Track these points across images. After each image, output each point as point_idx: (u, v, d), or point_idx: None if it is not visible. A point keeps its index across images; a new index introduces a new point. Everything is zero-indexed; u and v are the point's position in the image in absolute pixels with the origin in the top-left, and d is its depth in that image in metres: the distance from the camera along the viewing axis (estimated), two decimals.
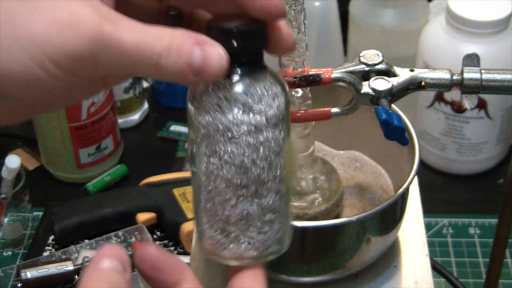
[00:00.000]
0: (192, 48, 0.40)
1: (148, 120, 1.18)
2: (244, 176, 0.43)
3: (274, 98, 0.43)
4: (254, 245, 0.45)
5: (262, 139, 0.42)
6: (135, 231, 0.92)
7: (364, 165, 0.70)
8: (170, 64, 0.39)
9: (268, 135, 0.43)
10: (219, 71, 0.40)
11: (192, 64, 0.39)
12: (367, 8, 1.09)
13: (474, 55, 0.58)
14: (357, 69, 0.57)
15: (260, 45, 0.43)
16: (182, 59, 0.39)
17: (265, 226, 0.44)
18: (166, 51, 0.39)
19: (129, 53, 0.39)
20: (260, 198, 0.43)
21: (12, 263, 0.95)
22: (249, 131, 0.42)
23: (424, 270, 0.64)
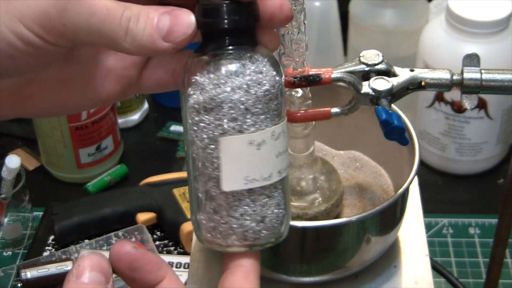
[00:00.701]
0: (160, 13, 0.40)
1: (148, 120, 1.18)
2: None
3: (262, 79, 0.43)
4: (250, 230, 0.44)
5: (249, 121, 0.42)
6: (135, 231, 0.92)
7: (364, 165, 0.70)
8: (139, 28, 0.40)
9: (255, 119, 0.43)
10: (187, 33, 0.40)
11: (160, 27, 0.40)
12: (367, 8, 1.09)
13: (474, 55, 0.58)
14: (357, 69, 0.57)
15: (249, 22, 0.43)
16: (150, 23, 0.40)
17: (260, 208, 0.44)
18: (135, 15, 0.40)
19: (98, 14, 0.39)
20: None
21: (12, 263, 0.95)
22: (232, 108, 0.42)
23: (424, 270, 0.64)
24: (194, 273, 0.65)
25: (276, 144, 0.44)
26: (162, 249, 0.95)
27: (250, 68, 0.42)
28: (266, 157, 0.43)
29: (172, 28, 0.40)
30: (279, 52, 0.55)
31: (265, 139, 0.43)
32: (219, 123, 0.42)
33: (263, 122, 0.43)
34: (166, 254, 0.94)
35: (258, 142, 0.43)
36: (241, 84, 0.42)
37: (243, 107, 0.42)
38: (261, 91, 0.43)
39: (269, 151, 0.43)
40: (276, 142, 0.43)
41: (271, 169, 0.44)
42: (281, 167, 0.44)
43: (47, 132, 1.02)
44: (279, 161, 0.44)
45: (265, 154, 0.43)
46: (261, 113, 0.43)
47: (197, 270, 0.64)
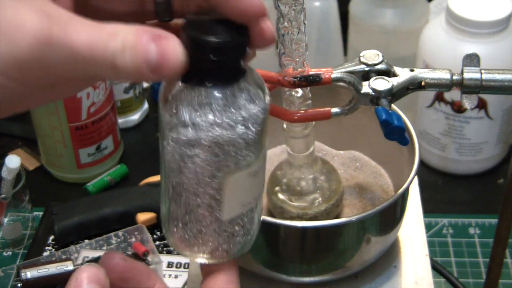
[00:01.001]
0: (147, 44, 0.37)
1: (148, 120, 1.18)
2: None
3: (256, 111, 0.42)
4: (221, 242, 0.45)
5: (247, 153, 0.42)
6: (135, 231, 0.92)
7: (364, 165, 0.70)
8: (126, 63, 0.37)
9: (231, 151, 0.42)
10: (176, 67, 0.38)
11: (148, 60, 0.37)
12: (367, 8, 1.09)
13: (474, 55, 0.58)
14: (357, 69, 0.57)
15: (239, 56, 0.41)
16: (138, 57, 0.37)
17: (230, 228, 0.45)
18: (120, 49, 0.37)
19: (82, 54, 0.37)
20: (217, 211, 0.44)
21: (12, 263, 0.95)
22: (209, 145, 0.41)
23: (424, 270, 0.64)
24: (194, 273, 0.65)
25: (265, 165, 0.45)
26: (162, 249, 0.95)
27: (244, 102, 0.41)
28: (261, 179, 0.45)
29: (160, 64, 0.38)
30: (279, 52, 0.55)
31: (260, 166, 0.44)
32: (218, 160, 0.42)
33: (257, 149, 0.43)
34: (166, 254, 0.94)
35: (255, 171, 0.44)
36: (238, 120, 0.41)
37: (243, 142, 0.42)
38: (257, 124, 0.42)
39: (263, 174, 0.45)
40: (265, 163, 0.45)
41: (262, 187, 0.46)
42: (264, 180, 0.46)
43: (47, 132, 1.02)
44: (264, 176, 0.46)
45: (261, 177, 0.45)
46: (257, 142, 0.43)
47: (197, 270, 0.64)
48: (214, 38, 0.39)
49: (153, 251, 0.90)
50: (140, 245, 0.91)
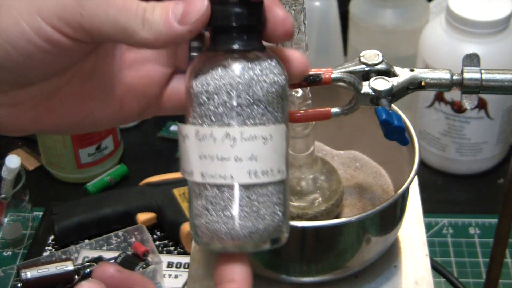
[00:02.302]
0: (175, 2, 0.41)
1: (148, 120, 1.18)
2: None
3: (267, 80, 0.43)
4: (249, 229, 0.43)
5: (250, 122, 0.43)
6: (135, 231, 0.92)
7: (364, 165, 0.70)
8: (155, 16, 0.40)
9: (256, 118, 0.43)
10: (201, 14, 0.41)
11: (175, 12, 0.41)
12: (367, 8, 1.09)
13: (474, 55, 0.58)
14: (357, 69, 0.57)
15: (259, 22, 0.43)
16: (165, 10, 0.41)
17: (250, 207, 0.43)
18: (151, 6, 0.41)
19: (115, 4, 0.40)
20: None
21: (12, 263, 0.95)
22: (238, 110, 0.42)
23: (424, 270, 0.64)
24: (194, 273, 0.65)
25: (199, 145, 0.43)
26: (162, 249, 0.95)
27: (255, 68, 0.43)
28: (188, 152, 0.44)
29: (186, 11, 0.41)
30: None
31: (188, 134, 0.44)
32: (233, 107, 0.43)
33: (273, 114, 0.43)
34: (166, 254, 0.94)
35: (183, 134, 0.44)
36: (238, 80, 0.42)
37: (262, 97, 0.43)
38: (277, 85, 0.43)
39: (191, 148, 0.43)
40: (200, 142, 0.43)
41: (192, 166, 0.43)
42: (204, 170, 0.43)
43: None
44: (202, 163, 0.43)
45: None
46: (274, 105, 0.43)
47: (197, 270, 0.64)
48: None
49: (153, 251, 0.90)
50: (140, 245, 0.91)
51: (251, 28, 0.43)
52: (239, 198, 0.43)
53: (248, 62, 0.43)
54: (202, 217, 0.43)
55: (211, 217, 0.43)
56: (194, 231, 0.44)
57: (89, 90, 0.45)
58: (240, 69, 0.43)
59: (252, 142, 0.43)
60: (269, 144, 0.43)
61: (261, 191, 0.43)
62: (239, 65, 0.42)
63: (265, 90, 0.43)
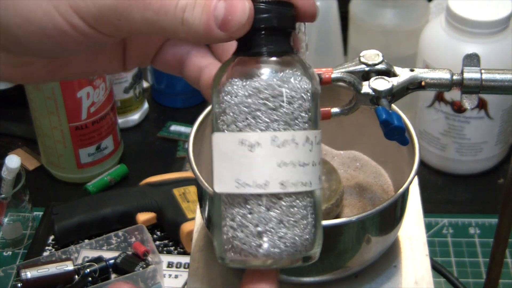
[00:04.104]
0: (216, 1, 0.39)
1: (148, 120, 1.18)
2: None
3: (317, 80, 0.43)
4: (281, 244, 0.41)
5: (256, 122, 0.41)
6: (135, 231, 0.92)
7: (364, 165, 0.70)
8: (195, 17, 0.39)
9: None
10: (242, 24, 0.39)
11: (216, 16, 0.39)
12: (367, 8, 1.09)
13: (474, 55, 0.58)
14: (357, 69, 0.57)
15: (291, 24, 0.43)
16: (207, 11, 0.39)
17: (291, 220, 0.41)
18: (191, 4, 0.39)
19: (153, 7, 0.39)
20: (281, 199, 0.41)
21: (12, 263, 0.95)
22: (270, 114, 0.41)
23: (424, 270, 0.64)
24: (194, 273, 0.65)
25: (279, 152, 0.40)
26: (162, 249, 0.95)
27: (283, 74, 0.42)
28: (261, 161, 0.40)
29: (227, 17, 0.39)
30: None
31: (260, 142, 0.40)
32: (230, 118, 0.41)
33: (271, 126, 0.41)
34: (166, 254, 0.94)
35: (251, 143, 0.40)
36: (261, 87, 0.41)
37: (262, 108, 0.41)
38: (304, 93, 0.42)
39: (266, 156, 0.40)
40: (280, 149, 0.40)
41: (267, 176, 0.40)
42: (285, 179, 0.40)
43: (47, 132, 1.02)
44: (282, 171, 0.40)
45: (260, 158, 0.40)
46: (273, 117, 0.41)
47: (197, 270, 0.64)
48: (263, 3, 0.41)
49: (153, 251, 0.90)
50: (140, 245, 0.91)
51: (285, 32, 0.42)
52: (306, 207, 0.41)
53: (301, 65, 0.42)
54: (239, 232, 0.41)
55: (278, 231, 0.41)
56: (223, 248, 0.42)
57: (99, 52, 0.47)
58: (301, 71, 0.42)
59: (319, 146, 0.42)
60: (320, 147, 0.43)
61: (315, 199, 0.42)
62: (301, 67, 0.42)
63: (318, 91, 0.43)
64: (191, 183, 0.98)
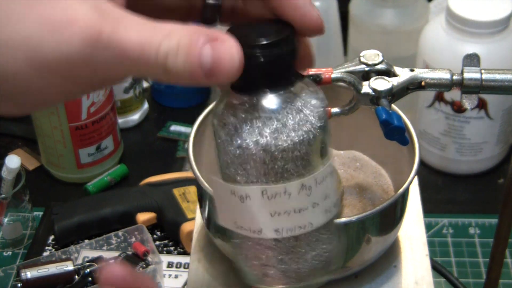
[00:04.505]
0: (202, 46, 0.36)
1: (148, 120, 1.18)
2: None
3: (321, 110, 0.40)
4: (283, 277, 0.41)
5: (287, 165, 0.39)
6: (135, 231, 0.92)
7: (364, 165, 0.70)
8: (179, 65, 0.35)
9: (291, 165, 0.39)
10: (231, 72, 0.36)
11: (202, 64, 0.35)
12: (367, 8, 1.09)
13: (474, 55, 0.58)
14: (357, 69, 0.57)
15: (288, 59, 0.40)
16: (191, 59, 0.35)
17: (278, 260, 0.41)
18: (173, 50, 0.35)
19: (132, 54, 0.35)
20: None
21: (12, 263, 0.95)
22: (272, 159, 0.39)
23: (424, 270, 0.64)
24: (194, 273, 0.65)
25: (270, 203, 0.39)
26: (162, 249, 0.95)
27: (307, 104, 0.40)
28: (253, 211, 0.40)
29: (214, 66, 0.36)
30: None
31: (250, 195, 0.39)
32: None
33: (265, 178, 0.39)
34: (166, 254, 0.94)
35: (241, 195, 0.39)
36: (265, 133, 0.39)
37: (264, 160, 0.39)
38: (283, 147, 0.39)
39: (257, 207, 0.39)
40: (270, 201, 0.39)
41: (261, 224, 0.40)
42: (280, 226, 0.39)
43: (47, 132, 1.02)
44: (275, 219, 0.39)
45: (252, 208, 0.40)
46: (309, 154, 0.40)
47: (197, 270, 0.64)
48: (261, 40, 0.38)
49: (153, 251, 0.90)
50: (140, 245, 0.91)
51: (290, 64, 0.40)
52: (311, 242, 0.41)
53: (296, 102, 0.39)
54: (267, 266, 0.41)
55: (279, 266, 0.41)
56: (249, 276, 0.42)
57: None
58: (292, 113, 0.39)
59: (325, 182, 0.40)
60: (334, 175, 0.41)
61: (330, 225, 0.41)
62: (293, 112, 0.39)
63: (321, 121, 0.40)
64: (191, 183, 0.98)
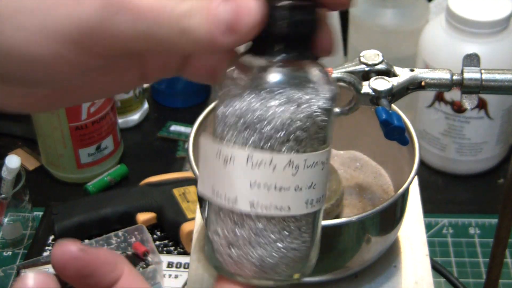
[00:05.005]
0: (219, 3, 0.34)
1: (148, 120, 1.18)
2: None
3: (327, 95, 0.38)
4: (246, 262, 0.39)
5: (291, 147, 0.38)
6: (135, 231, 0.92)
7: (364, 165, 0.70)
8: (195, 25, 0.34)
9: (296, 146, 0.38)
10: (251, 26, 0.34)
11: (220, 20, 0.34)
12: (367, 8, 1.09)
13: (474, 55, 0.58)
14: (357, 69, 0.57)
15: (309, 28, 0.38)
16: (209, 16, 0.34)
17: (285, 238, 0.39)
18: (189, 10, 0.34)
19: (148, 16, 0.34)
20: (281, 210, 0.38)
21: (12, 263, 0.95)
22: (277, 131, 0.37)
23: (424, 270, 0.64)
24: (194, 273, 0.65)
25: (252, 172, 0.38)
26: (162, 249, 0.95)
27: (315, 84, 0.38)
28: (234, 176, 0.38)
29: (233, 21, 0.34)
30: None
31: (234, 159, 0.38)
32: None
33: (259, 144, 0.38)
34: (166, 254, 0.94)
35: (225, 157, 0.38)
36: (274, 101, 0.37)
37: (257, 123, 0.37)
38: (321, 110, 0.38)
39: (238, 173, 0.38)
40: (253, 170, 0.37)
41: (237, 192, 0.38)
42: (256, 200, 0.38)
43: (47, 132, 1.02)
44: (253, 191, 0.38)
45: (233, 173, 0.38)
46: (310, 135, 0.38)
47: (197, 270, 0.64)
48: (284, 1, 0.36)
49: (153, 251, 0.90)
50: (140, 245, 0.91)
51: (310, 35, 0.38)
52: (284, 230, 0.38)
53: (308, 76, 0.38)
54: (232, 247, 0.39)
55: (242, 250, 0.39)
56: (215, 256, 0.40)
57: (108, 67, 0.41)
58: (301, 88, 0.37)
59: (314, 169, 0.38)
60: (325, 169, 0.40)
61: (307, 222, 0.39)
62: (300, 83, 0.37)
63: (327, 110, 0.38)
64: (191, 183, 0.98)
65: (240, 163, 0.37)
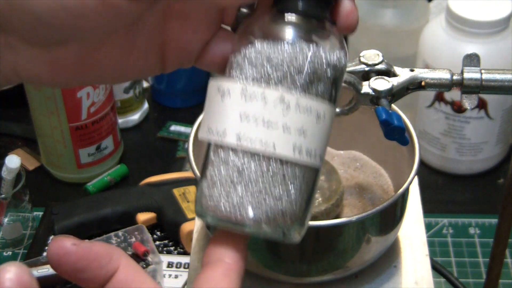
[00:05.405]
0: None
1: (148, 120, 1.18)
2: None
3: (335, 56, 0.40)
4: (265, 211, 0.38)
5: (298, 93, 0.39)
6: (135, 231, 0.92)
7: (364, 165, 0.70)
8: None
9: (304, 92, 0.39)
10: None
11: None
12: (367, 8, 1.09)
13: (474, 55, 0.58)
14: (357, 69, 0.57)
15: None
16: None
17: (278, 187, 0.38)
18: None
19: None
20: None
21: None
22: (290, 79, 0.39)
23: (424, 270, 0.64)
24: (194, 273, 0.65)
25: (245, 105, 0.38)
26: (162, 249, 0.95)
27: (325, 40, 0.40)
28: (227, 109, 0.39)
29: None
30: None
31: (230, 91, 0.39)
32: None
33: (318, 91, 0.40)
34: (166, 254, 0.94)
35: (223, 91, 0.39)
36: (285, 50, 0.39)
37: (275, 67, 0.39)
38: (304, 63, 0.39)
39: (231, 105, 0.39)
40: (246, 102, 0.38)
41: (226, 124, 0.38)
42: (243, 131, 0.38)
43: (47, 132, 1.02)
44: (242, 124, 0.38)
45: (227, 107, 0.39)
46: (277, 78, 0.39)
47: (197, 270, 0.64)
48: None
49: (153, 251, 0.90)
50: (140, 245, 0.91)
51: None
52: (268, 173, 0.38)
53: (319, 32, 0.40)
54: (214, 187, 0.38)
55: (224, 188, 0.38)
56: (200, 201, 0.39)
57: (133, 43, 0.42)
58: (310, 37, 0.39)
59: (306, 115, 0.38)
60: (321, 124, 0.40)
61: (293, 173, 0.38)
62: (309, 34, 0.39)
63: (331, 65, 0.40)
64: (191, 183, 0.98)
65: (235, 95, 0.39)
